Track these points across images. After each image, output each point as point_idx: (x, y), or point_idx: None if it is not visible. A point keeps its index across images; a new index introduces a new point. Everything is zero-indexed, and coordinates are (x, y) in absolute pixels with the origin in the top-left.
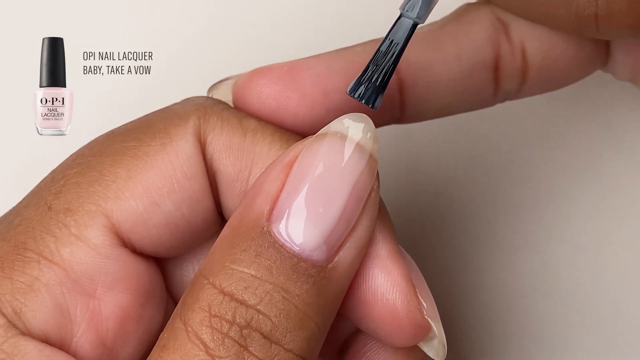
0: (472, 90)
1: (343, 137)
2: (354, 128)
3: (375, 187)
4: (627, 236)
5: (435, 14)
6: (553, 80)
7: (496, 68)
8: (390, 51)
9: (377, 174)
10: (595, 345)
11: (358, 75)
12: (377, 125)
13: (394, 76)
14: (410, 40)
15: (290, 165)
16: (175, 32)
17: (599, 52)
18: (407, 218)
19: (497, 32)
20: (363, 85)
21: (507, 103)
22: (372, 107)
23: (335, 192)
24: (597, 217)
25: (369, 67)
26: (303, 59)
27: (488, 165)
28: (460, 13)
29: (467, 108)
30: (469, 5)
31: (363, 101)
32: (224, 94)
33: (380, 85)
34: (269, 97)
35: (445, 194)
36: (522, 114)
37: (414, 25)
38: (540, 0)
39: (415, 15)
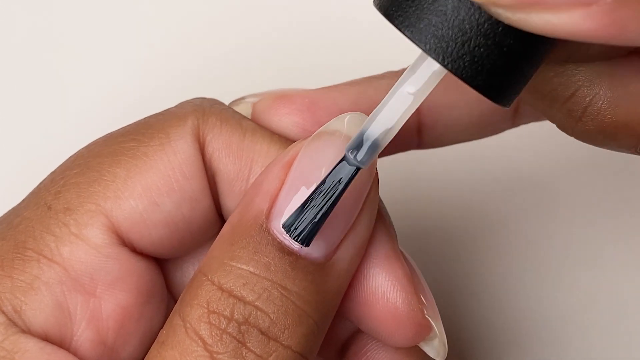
0: (490, 128)
1: (341, 135)
2: (353, 127)
3: (373, 185)
4: (627, 236)
5: None
6: None
7: (516, 110)
8: (330, 192)
9: (376, 172)
10: (595, 345)
11: (297, 209)
12: (393, 152)
13: (414, 117)
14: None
15: (290, 164)
16: (175, 32)
17: None
18: (410, 219)
19: None
20: (299, 223)
21: None
22: (305, 245)
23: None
24: (597, 217)
25: (306, 205)
26: (325, 90)
27: (489, 166)
28: None
29: (483, 137)
30: None
31: (297, 239)
32: (243, 113)
33: (317, 225)
34: (287, 127)
35: (447, 197)
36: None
37: (357, 170)
38: (527, 101)
39: (359, 161)
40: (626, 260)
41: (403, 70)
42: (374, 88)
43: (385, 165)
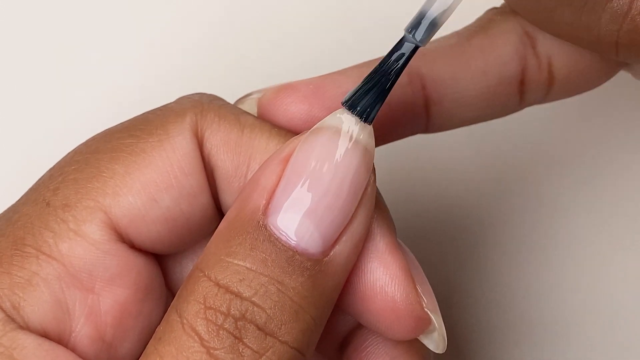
0: (497, 103)
1: (338, 131)
2: (349, 122)
3: (371, 181)
4: (627, 236)
5: (460, 15)
6: (577, 88)
7: (522, 82)
8: (390, 69)
9: (374, 167)
10: (595, 345)
11: (355, 88)
12: (402, 136)
13: (420, 92)
14: (439, 55)
15: (287, 160)
16: (175, 32)
17: None
18: (410, 215)
19: (524, 45)
20: (359, 99)
21: None
22: (366, 122)
23: (331, 186)
24: (597, 217)
25: (367, 81)
26: (329, 75)
27: (490, 164)
28: (487, 23)
29: (491, 118)
30: (495, 13)
31: (358, 115)
32: (249, 109)
33: (377, 102)
34: (295, 116)
35: (448, 193)
36: (526, 117)
37: (415, 48)
38: (564, 22)
39: (418, 40)
40: (626, 260)
41: None
42: None
43: (386, 160)
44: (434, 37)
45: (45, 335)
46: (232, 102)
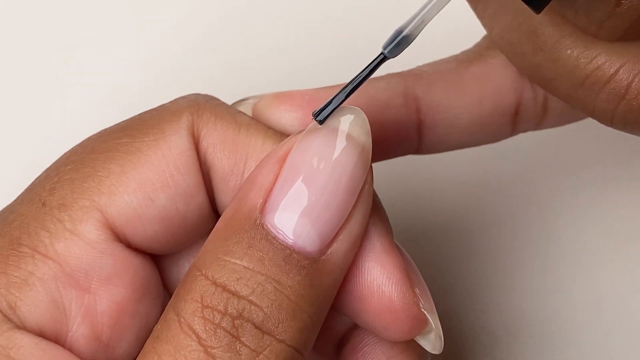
0: (489, 132)
1: (335, 129)
2: (347, 121)
3: (368, 179)
4: (627, 237)
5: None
6: (570, 119)
7: (516, 113)
8: (356, 78)
9: (371, 166)
10: (595, 345)
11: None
12: (393, 156)
13: (414, 115)
14: (436, 80)
15: (284, 159)
16: (175, 32)
17: None
18: (407, 216)
19: (521, 78)
20: (324, 105)
21: None
22: (319, 122)
23: (328, 185)
24: (597, 218)
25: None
26: (325, 88)
27: (487, 167)
28: (486, 51)
29: (482, 144)
30: None
31: (314, 115)
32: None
33: (334, 106)
34: (287, 124)
35: (446, 194)
36: None
37: (383, 59)
38: (561, 92)
39: (386, 51)
40: (626, 260)
41: (403, 71)
42: (374, 87)
43: (384, 166)
44: (432, 60)
45: (42, 334)
46: (231, 103)
